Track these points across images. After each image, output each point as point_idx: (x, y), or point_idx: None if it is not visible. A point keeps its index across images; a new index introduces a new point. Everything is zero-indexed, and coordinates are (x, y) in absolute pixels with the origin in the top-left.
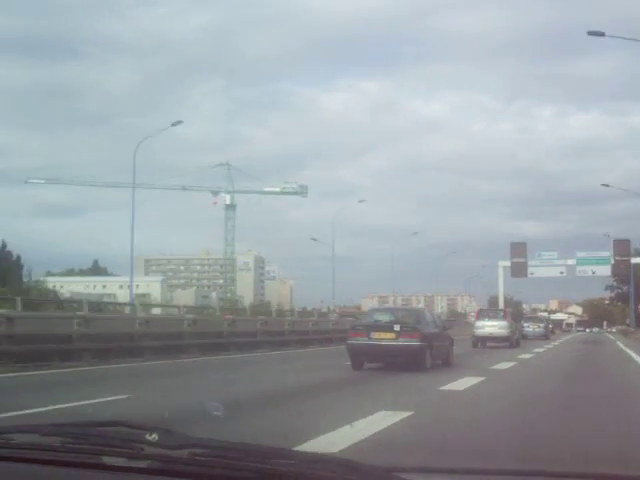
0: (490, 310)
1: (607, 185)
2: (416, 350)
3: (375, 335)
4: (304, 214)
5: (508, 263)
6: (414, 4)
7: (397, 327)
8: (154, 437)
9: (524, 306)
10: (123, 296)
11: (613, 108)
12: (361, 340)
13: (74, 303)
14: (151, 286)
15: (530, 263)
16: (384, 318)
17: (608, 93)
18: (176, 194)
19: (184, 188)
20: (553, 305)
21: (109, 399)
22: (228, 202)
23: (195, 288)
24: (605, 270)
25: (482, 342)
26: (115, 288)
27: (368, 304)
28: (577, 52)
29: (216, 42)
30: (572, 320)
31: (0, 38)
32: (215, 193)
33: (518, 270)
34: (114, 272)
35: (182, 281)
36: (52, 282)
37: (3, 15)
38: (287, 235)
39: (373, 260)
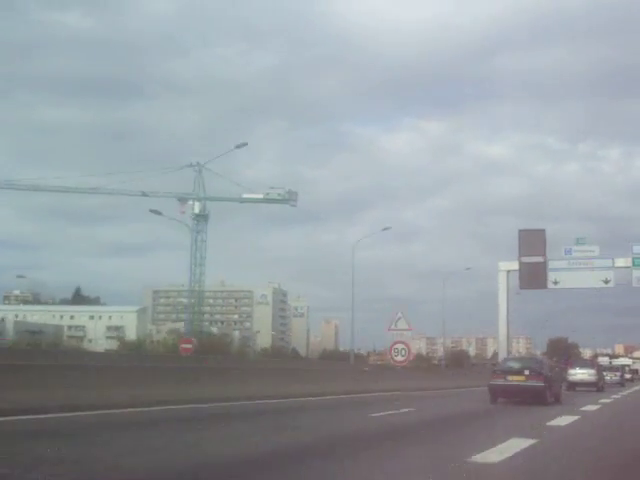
0: (581, 360)
1: None
2: (541, 389)
3: (510, 378)
4: (370, 255)
5: (515, 266)
6: (477, 44)
7: (527, 372)
8: None
9: (584, 350)
10: (92, 327)
11: None
12: (499, 381)
13: None
14: (125, 317)
15: (553, 266)
16: (515, 365)
17: None
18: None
19: (144, 194)
20: (619, 349)
21: None
22: (197, 211)
23: (184, 322)
24: None
25: (573, 387)
26: (85, 319)
27: (415, 345)
28: None
29: (279, 83)
30: (638, 366)
31: (71, 81)
32: (182, 200)
33: (531, 276)
34: (108, 302)
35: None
36: (11, 311)
37: (74, 58)
38: (349, 277)
39: (430, 302)
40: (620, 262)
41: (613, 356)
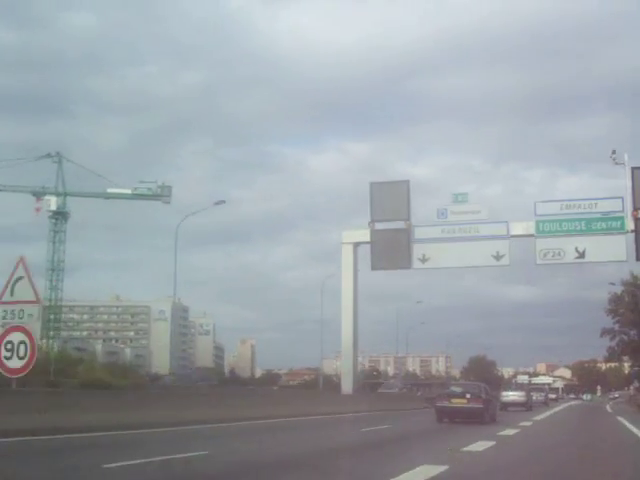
0: (511, 383)
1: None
2: (480, 411)
3: (453, 400)
4: (294, 276)
5: (365, 236)
6: (402, 66)
7: (468, 395)
8: None
9: (505, 370)
10: None
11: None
12: (444, 403)
13: None
14: None
15: (420, 234)
16: (458, 389)
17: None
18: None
19: None
20: (541, 368)
21: None
22: (54, 207)
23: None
24: (614, 250)
25: (506, 407)
26: None
27: (331, 365)
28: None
29: (204, 102)
30: (559, 385)
31: None
32: (39, 195)
33: (388, 250)
34: None
35: (85, 332)
36: None
37: None
38: (269, 297)
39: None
40: (518, 228)
41: (533, 375)
